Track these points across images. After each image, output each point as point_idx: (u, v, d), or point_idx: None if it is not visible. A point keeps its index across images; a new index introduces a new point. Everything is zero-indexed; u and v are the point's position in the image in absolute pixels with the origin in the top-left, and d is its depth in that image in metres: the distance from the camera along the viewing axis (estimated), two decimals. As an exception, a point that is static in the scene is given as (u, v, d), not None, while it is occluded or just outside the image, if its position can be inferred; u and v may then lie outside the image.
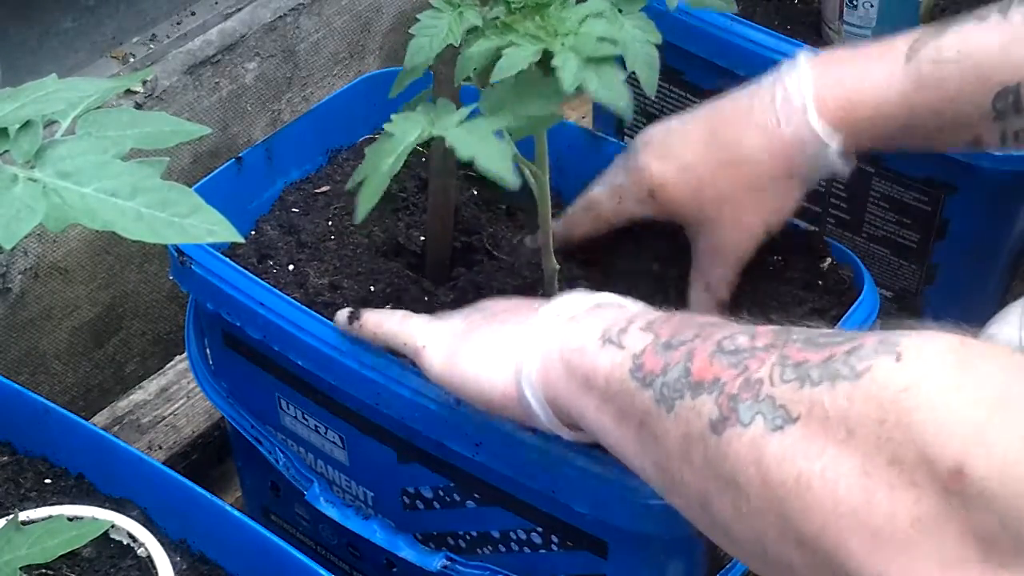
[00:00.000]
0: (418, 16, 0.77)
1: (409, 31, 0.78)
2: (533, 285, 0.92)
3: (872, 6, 1.14)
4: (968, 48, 0.84)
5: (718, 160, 0.89)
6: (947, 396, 0.51)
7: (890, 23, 1.15)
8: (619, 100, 0.73)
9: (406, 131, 0.72)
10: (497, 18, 0.75)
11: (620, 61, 0.74)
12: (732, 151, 0.88)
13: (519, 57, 0.73)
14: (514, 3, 0.75)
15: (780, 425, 0.56)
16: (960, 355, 0.53)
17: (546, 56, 0.73)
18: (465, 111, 0.73)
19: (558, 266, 0.88)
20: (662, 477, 0.64)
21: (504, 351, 0.74)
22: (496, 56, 0.74)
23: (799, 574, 0.55)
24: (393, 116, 0.74)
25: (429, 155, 0.92)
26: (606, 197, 0.93)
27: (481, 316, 0.79)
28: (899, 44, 0.87)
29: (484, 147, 0.69)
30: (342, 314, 0.84)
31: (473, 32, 0.76)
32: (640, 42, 0.75)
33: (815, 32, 1.21)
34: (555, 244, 0.89)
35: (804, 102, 0.86)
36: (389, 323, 0.82)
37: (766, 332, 0.61)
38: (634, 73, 0.75)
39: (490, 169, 0.68)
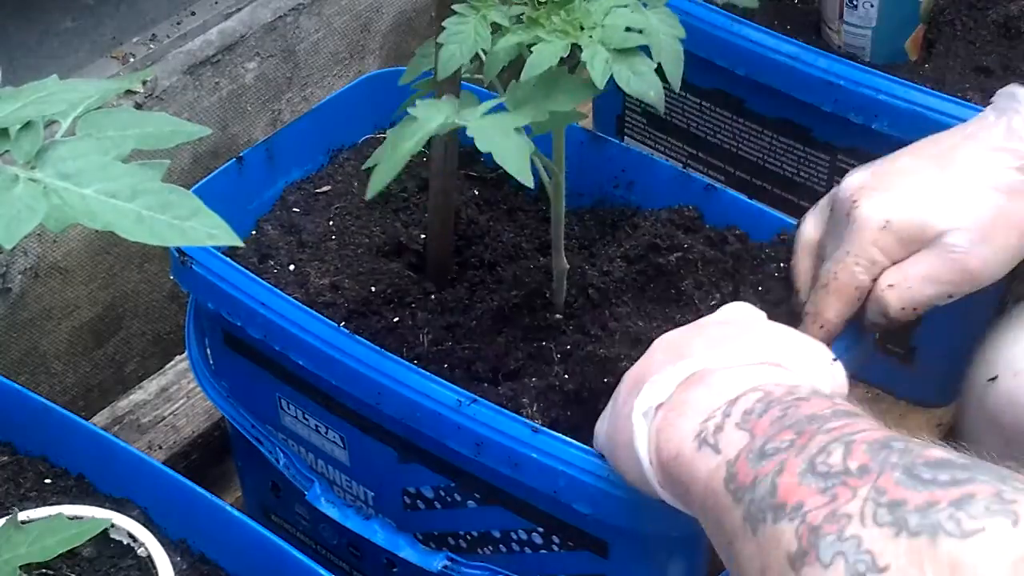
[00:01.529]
0: (443, 24, 0.77)
1: (437, 40, 0.77)
2: (539, 286, 0.92)
3: (872, 6, 1.14)
4: None
5: (964, 182, 0.83)
6: None
7: (890, 23, 1.15)
8: (650, 90, 0.73)
9: (430, 116, 0.72)
10: (522, 14, 0.75)
11: (645, 52, 0.74)
12: (979, 174, 0.83)
13: (548, 52, 0.72)
14: None
15: (863, 572, 0.50)
16: None
17: (572, 51, 0.73)
18: (490, 103, 0.73)
19: (567, 266, 0.88)
20: None
21: (628, 442, 0.70)
22: (520, 52, 0.74)
23: None
24: (418, 102, 0.74)
25: (429, 155, 0.92)
26: (848, 257, 0.85)
27: (626, 382, 0.74)
28: None
29: (504, 142, 0.69)
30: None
31: (498, 31, 0.76)
32: (666, 35, 0.75)
33: (815, 32, 1.21)
34: (828, 336, 0.85)
35: None
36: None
37: (863, 445, 0.55)
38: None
39: (506, 166, 0.68)
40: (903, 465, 0.53)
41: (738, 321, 0.77)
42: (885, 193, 0.85)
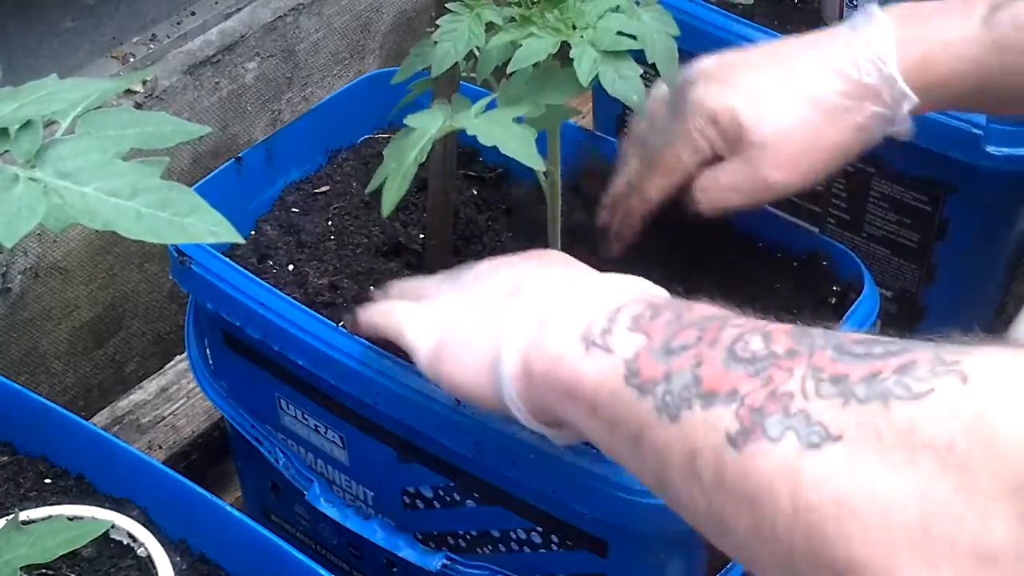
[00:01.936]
0: (437, 22, 0.77)
1: (432, 37, 0.78)
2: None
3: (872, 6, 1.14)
4: None
5: (788, 95, 0.86)
6: None
7: (890, 23, 1.15)
8: (632, 94, 0.73)
9: (428, 124, 0.73)
10: (514, 18, 0.76)
11: (635, 55, 0.74)
12: (805, 91, 0.86)
13: (537, 47, 0.73)
14: None
15: (817, 443, 0.50)
16: None
17: (564, 48, 0.74)
18: (482, 103, 0.73)
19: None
20: (664, 490, 0.59)
21: (481, 354, 0.70)
22: (513, 51, 0.75)
23: None
24: (410, 115, 0.74)
25: (429, 155, 0.92)
26: (670, 140, 0.89)
27: (466, 298, 0.74)
28: (977, 5, 0.85)
29: (506, 134, 0.70)
30: (346, 320, 0.82)
31: (492, 29, 0.77)
32: (660, 35, 0.76)
33: (815, 32, 1.21)
34: (634, 222, 0.90)
35: (886, 54, 0.84)
36: (378, 319, 0.79)
37: (781, 334, 0.56)
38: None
39: (513, 154, 0.68)
40: (832, 344, 0.53)
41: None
42: (721, 87, 0.87)
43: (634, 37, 0.75)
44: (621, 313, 0.63)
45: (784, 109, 0.86)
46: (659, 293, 0.70)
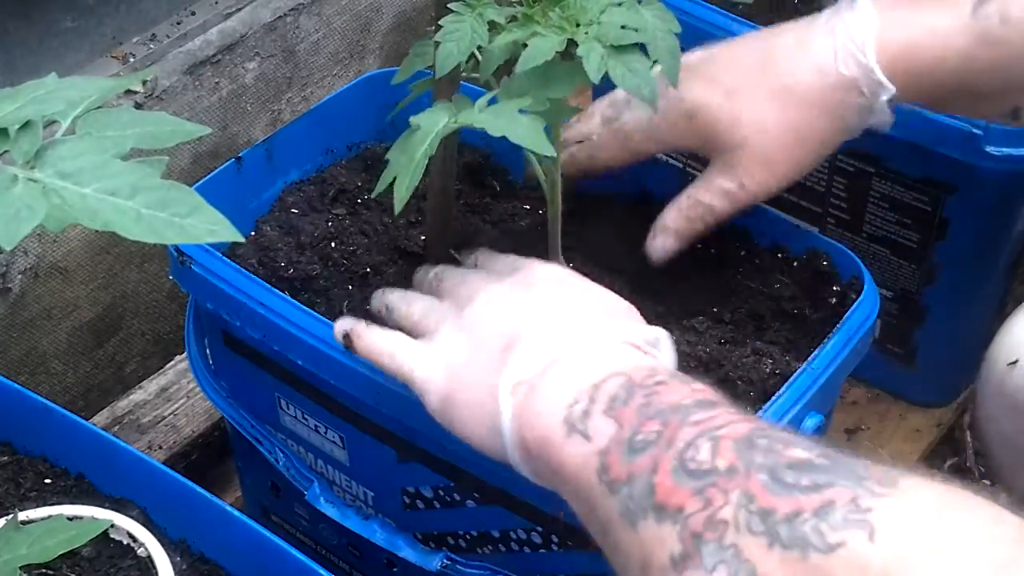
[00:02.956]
0: (440, 22, 0.77)
1: (435, 38, 0.78)
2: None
3: (872, 6, 1.14)
4: None
5: (767, 90, 0.86)
6: None
7: (890, 23, 1.15)
8: (644, 87, 0.73)
9: (433, 122, 0.73)
10: (516, 16, 0.76)
11: (641, 51, 0.75)
12: (783, 83, 0.86)
13: (545, 46, 0.73)
14: None
15: None
16: (939, 527, 0.51)
17: (567, 46, 0.74)
18: (485, 99, 0.73)
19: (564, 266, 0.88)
20: None
21: (485, 416, 0.71)
22: (517, 50, 0.75)
23: None
24: (414, 115, 0.75)
25: (429, 158, 0.92)
26: (638, 121, 0.90)
27: (466, 342, 0.75)
28: None
29: (514, 124, 0.70)
30: (339, 332, 0.82)
31: (494, 28, 0.77)
32: (662, 32, 0.76)
33: (815, 32, 1.21)
34: (575, 171, 0.89)
35: (865, 44, 0.84)
36: (386, 360, 0.79)
37: (728, 442, 0.58)
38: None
39: (522, 142, 0.69)
40: (768, 467, 0.56)
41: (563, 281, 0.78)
42: (701, 83, 0.87)
43: (637, 31, 0.75)
44: (600, 391, 0.65)
45: (763, 108, 0.86)
46: (649, 336, 0.72)
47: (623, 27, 0.74)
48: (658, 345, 0.72)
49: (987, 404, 1.00)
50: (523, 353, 0.71)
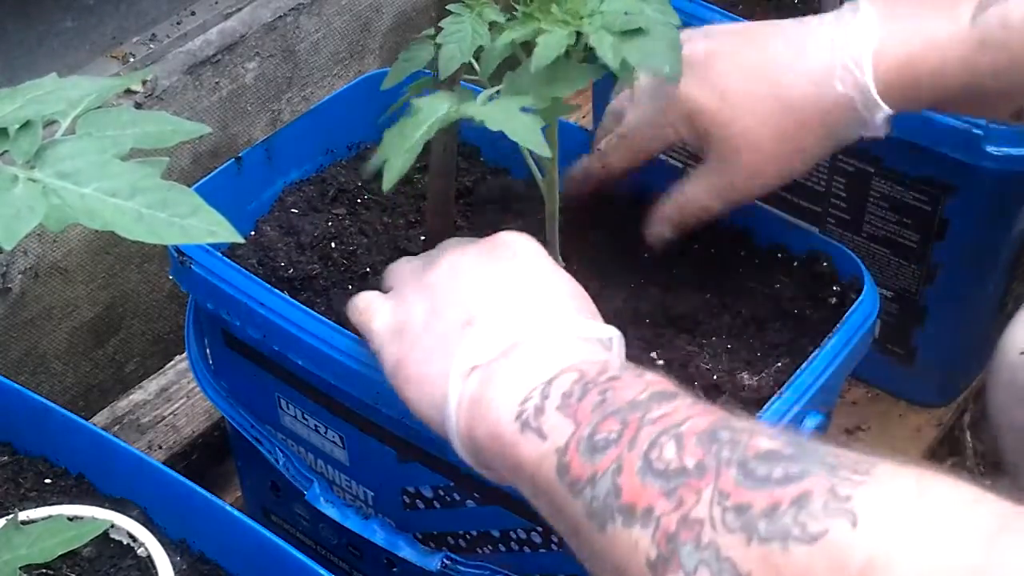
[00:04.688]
0: (440, 24, 0.77)
1: (436, 40, 0.78)
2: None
3: (872, 6, 1.14)
4: None
5: (763, 99, 0.86)
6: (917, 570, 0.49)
7: (890, 23, 1.15)
8: (664, 65, 0.73)
9: (434, 107, 0.73)
10: (513, 15, 0.76)
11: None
12: (779, 94, 0.86)
13: (554, 41, 0.73)
14: None
15: None
16: (922, 509, 0.51)
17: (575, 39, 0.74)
18: (487, 94, 0.73)
19: (563, 264, 0.88)
20: None
21: (434, 392, 0.70)
22: (516, 50, 0.74)
23: None
24: (417, 98, 0.74)
25: (429, 155, 0.92)
26: (643, 123, 0.91)
27: (426, 304, 0.74)
28: (963, 3, 0.84)
29: (513, 121, 0.70)
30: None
31: (494, 28, 0.77)
32: (662, 24, 0.76)
33: (815, 32, 1.21)
34: (594, 184, 0.92)
35: (863, 61, 0.84)
36: (353, 313, 0.79)
37: (693, 438, 0.58)
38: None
39: (519, 140, 0.69)
40: (736, 461, 0.55)
41: (523, 256, 0.76)
42: (701, 83, 0.87)
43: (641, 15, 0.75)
44: (553, 388, 0.64)
45: (757, 117, 0.86)
46: (603, 334, 0.71)
47: (627, 13, 0.74)
48: (610, 345, 0.71)
49: (998, 394, 1.00)
50: (478, 334, 0.70)
